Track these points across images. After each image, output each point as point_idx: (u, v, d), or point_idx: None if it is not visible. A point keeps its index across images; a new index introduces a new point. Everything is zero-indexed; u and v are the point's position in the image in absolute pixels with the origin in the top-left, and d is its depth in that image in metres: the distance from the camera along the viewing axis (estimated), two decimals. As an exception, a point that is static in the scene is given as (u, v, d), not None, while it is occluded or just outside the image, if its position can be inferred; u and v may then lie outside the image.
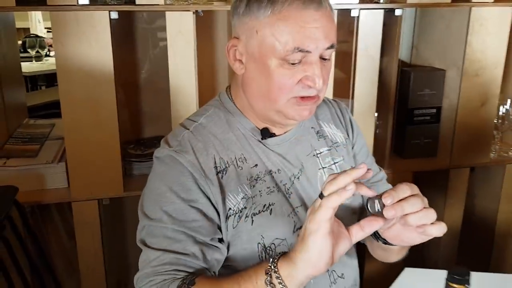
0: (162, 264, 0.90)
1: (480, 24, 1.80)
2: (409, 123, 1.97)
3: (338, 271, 1.04)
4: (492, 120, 1.95)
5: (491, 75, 1.87)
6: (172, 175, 0.94)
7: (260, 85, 0.93)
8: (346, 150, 1.11)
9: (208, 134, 0.99)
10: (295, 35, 0.87)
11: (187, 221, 0.92)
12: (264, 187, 0.97)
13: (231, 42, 0.96)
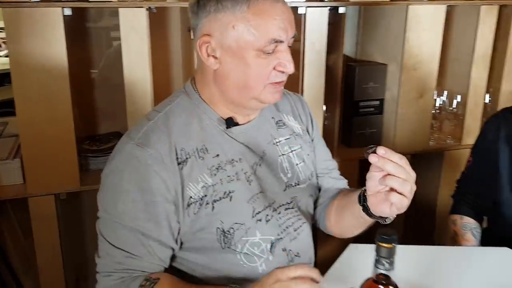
0: (117, 262, 0.97)
1: (417, 21, 1.94)
2: (355, 115, 2.09)
3: (294, 250, 1.12)
4: (430, 111, 2.10)
5: (428, 69, 2.02)
6: (132, 171, 0.97)
7: (238, 77, 0.99)
8: (303, 140, 1.19)
9: (171, 125, 1.02)
10: (270, 27, 0.95)
11: (140, 220, 0.97)
12: (225, 175, 1.03)
13: (202, 39, 0.99)
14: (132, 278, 0.97)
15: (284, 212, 1.10)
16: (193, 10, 1.01)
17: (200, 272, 1.06)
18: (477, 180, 1.52)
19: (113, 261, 0.98)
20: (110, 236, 0.98)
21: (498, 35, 2.11)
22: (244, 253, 1.04)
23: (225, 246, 1.02)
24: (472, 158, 1.56)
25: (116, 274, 0.98)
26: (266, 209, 1.07)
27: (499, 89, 2.16)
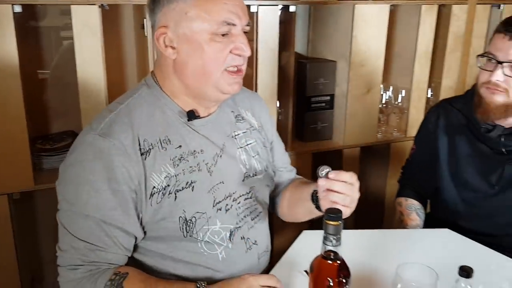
0: (82, 254, 0.98)
1: (363, 19, 2.03)
2: (307, 110, 2.16)
3: (252, 238, 1.18)
4: (377, 105, 2.21)
5: (374, 65, 2.13)
6: (95, 161, 0.98)
7: (196, 63, 1.02)
8: (258, 135, 1.25)
9: (134, 116, 1.04)
10: (221, 11, 1.00)
11: (105, 210, 0.99)
12: (187, 166, 1.06)
13: (159, 31, 1.02)
14: (100, 271, 0.99)
15: (243, 202, 1.15)
16: (150, 7, 1.05)
17: (161, 262, 1.09)
18: (420, 167, 1.63)
19: (78, 253, 0.99)
20: (74, 228, 0.99)
21: (438, 33, 2.24)
22: (205, 241, 1.08)
23: (187, 235, 1.06)
24: (415, 146, 1.67)
25: (83, 267, 0.99)
26: (226, 199, 1.11)
27: (440, 83, 2.30)
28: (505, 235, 1.45)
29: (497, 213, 1.47)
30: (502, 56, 1.32)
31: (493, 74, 1.33)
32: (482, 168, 1.48)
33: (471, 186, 1.49)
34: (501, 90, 1.33)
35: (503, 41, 1.32)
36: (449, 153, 1.53)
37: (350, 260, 0.87)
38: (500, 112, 1.36)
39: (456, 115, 1.53)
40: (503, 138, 1.41)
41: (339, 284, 0.84)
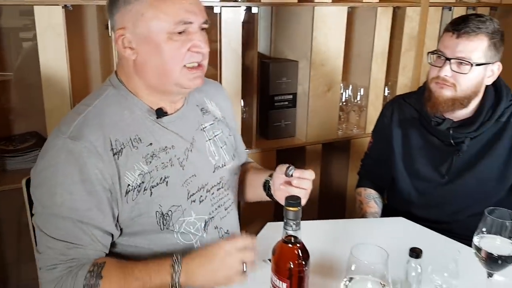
0: (61, 254, 1.00)
1: (322, 21, 2.12)
2: (271, 108, 2.23)
3: (224, 227, 1.24)
4: (337, 103, 2.30)
5: (334, 65, 2.21)
6: (67, 164, 1.00)
7: (156, 63, 1.05)
8: (223, 125, 1.30)
9: (103, 117, 1.06)
10: (177, 10, 1.03)
11: (81, 210, 1.01)
12: (159, 162, 1.10)
13: (118, 33, 1.05)
14: (79, 266, 1.01)
15: (216, 192, 1.21)
16: (109, 10, 1.07)
17: (139, 255, 1.12)
18: (377, 159, 1.73)
19: (55, 253, 1.01)
20: (50, 229, 1.01)
21: (393, 34, 2.36)
22: (181, 233, 1.13)
23: (164, 228, 1.10)
24: (372, 139, 1.76)
25: (62, 265, 1.01)
26: (200, 191, 1.17)
27: (396, 82, 2.41)
28: (455, 221, 1.55)
29: (447, 201, 1.57)
30: (450, 53, 1.41)
31: (442, 69, 1.42)
32: (433, 159, 1.57)
33: (423, 176, 1.59)
34: (449, 84, 1.43)
35: (451, 39, 1.42)
36: (403, 145, 1.62)
37: (313, 247, 0.93)
38: (448, 106, 1.45)
39: (409, 109, 1.63)
40: (452, 130, 1.51)
41: (299, 266, 0.90)
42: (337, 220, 1.47)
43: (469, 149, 1.52)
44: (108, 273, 1.00)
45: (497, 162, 1.51)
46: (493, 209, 1.09)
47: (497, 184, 1.53)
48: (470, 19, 1.40)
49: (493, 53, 1.41)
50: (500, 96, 1.50)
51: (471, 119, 1.50)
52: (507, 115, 1.50)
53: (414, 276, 1.06)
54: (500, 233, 1.07)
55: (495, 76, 1.47)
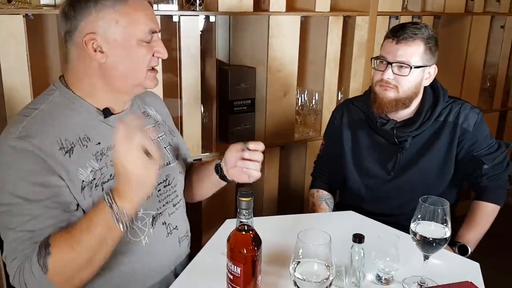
0: (22, 241, 1.04)
1: (277, 29, 2.23)
2: (230, 113, 2.31)
3: (173, 223, 1.30)
4: (293, 107, 2.41)
5: (289, 71, 2.33)
6: (19, 162, 1.04)
7: (126, 66, 1.14)
8: (164, 128, 1.40)
9: (51, 119, 1.11)
10: (148, 21, 1.14)
11: (40, 200, 1.05)
12: (109, 160, 1.16)
13: (87, 37, 1.10)
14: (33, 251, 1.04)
15: (163, 189, 1.28)
16: (69, 14, 1.11)
17: None
18: (328, 160, 1.84)
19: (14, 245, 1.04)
20: (9, 224, 1.05)
21: (344, 41, 2.49)
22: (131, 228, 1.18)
23: None
24: (324, 142, 1.88)
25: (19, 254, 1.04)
26: None
27: (348, 87, 2.55)
28: (401, 214, 1.68)
29: (393, 196, 1.70)
30: (391, 57, 1.55)
31: (384, 73, 1.56)
32: (380, 157, 1.70)
33: (371, 173, 1.72)
34: (392, 86, 1.56)
35: (391, 45, 1.56)
36: (352, 145, 1.75)
37: (269, 238, 1.02)
38: (392, 106, 1.59)
39: (357, 112, 1.76)
40: (395, 130, 1.65)
41: (251, 252, 0.99)
42: (292, 215, 1.58)
43: (412, 147, 1.66)
44: (54, 238, 1.03)
45: (437, 158, 1.66)
46: (426, 197, 1.22)
47: (438, 178, 1.68)
48: (407, 27, 1.54)
49: (429, 56, 1.56)
50: (437, 98, 1.65)
51: (412, 119, 1.64)
52: (444, 115, 1.65)
53: (357, 259, 1.17)
54: (433, 219, 1.20)
55: (432, 77, 1.62)
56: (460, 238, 1.61)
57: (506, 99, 3.28)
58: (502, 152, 1.67)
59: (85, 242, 1.02)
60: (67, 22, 1.13)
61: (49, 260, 1.01)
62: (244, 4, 2.11)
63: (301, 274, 0.99)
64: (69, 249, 1.02)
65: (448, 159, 1.66)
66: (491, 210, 1.66)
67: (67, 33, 1.14)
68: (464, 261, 1.39)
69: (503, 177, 1.69)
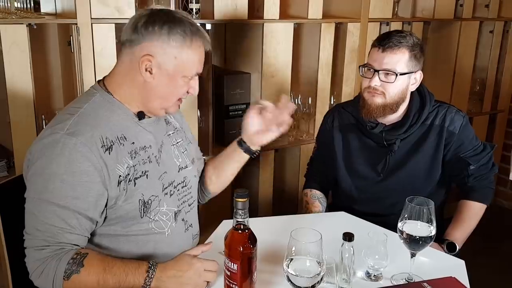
0: (48, 236, 1.14)
1: (271, 36, 2.30)
2: (226, 117, 2.37)
3: (189, 221, 1.42)
4: (287, 111, 2.47)
5: (283, 76, 2.40)
6: (61, 156, 1.13)
7: (164, 91, 1.25)
8: (182, 135, 1.49)
9: (93, 118, 1.22)
10: (198, 64, 1.26)
11: (70, 198, 1.14)
12: (141, 158, 1.27)
13: (144, 58, 1.20)
14: (64, 251, 1.14)
15: (181, 189, 1.39)
16: (140, 29, 1.20)
17: (116, 242, 1.27)
18: (321, 162, 1.91)
19: (44, 235, 1.14)
20: (41, 213, 1.14)
21: (336, 47, 2.56)
22: (155, 221, 1.29)
23: (143, 215, 1.26)
24: (316, 145, 1.95)
25: (49, 248, 1.14)
26: (170, 186, 1.35)
27: (341, 91, 2.62)
28: (391, 214, 1.72)
29: (383, 196, 1.77)
30: (377, 65, 1.62)
31: (372, 80, 1.63)
32: (370, 159, 1.77)
33: (362, 175, 1.78)
34: (379, 93, 1.63)
35: (377, 53, 1.63)
36: (343, 148, 1.82)
37: (264, 237, 1.07)
38: (380, 111, 1.65)
39: (347, 116, 1.83)
40: (384, 133, 1.72)
41: (247, 249, 1.05)
42: (285, 216, 1.65)
43: (400, 150, 1.73)
44: (89, 263, 1.14)
45: (425, 160, 1.72)
46: (412, 197, 1.29)
47: (425, 179, 1.75)
48: (392, 35, 1.61)
49: (414, 63, 1.63)
50: (424, 102, 1.72)
51: (400, 123, 1.71)
52: (431, 118, 1.72)
53: (347, 257, 1.23)
54: (419, 218, 1.27)
55: (418, 83, 1.69)
56: (448, 236, 1.68)
57: (496, 102, 3.36)
58: (487, 153, 1.74)
59: (109, 285, 1.13)
60: (133, 33, 1.22)
61: (74, 276, 1.12)
62: (239, 12, 2.17)
63: (294, 270, 1.06)
64: (95, 283, 1.13)
65: (435, 160, 1.72)
66: (478, 209, 1.73)
67: (128, 41, 1.23)
68: (450, 258, 1.46)
69: (489, 177, 1.76)
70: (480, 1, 3.10)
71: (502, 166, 3.43)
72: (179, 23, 1.21)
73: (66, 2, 1.91)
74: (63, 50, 2.03)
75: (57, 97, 2.12)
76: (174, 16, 1.23)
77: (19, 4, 1.80)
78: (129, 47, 1.23)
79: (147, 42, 1.21)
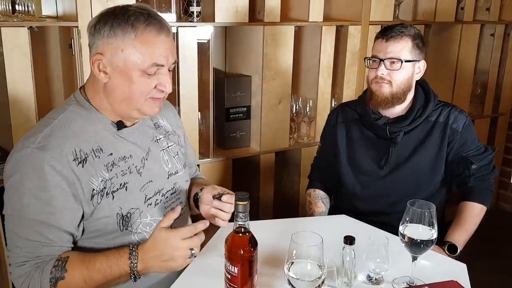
0: (28, 252, 1.13)
1: (272, 39, 2.30)
2: (227, 120, 2.37)
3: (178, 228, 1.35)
4: (288, 115, 2.47)
5: (284, 79, 2.40)
6: (33, 172, 1.11)
7: (124, 91, 1.18)
8: (174, 138, 1.45)
9: (67, 130, 1.18)
10: (152, 54, 1.16)
11: (45, 213, 1.12)
12: (119, 170, 1.23)
13: (95, 57, 1.17)
14: (45, 262, 1.13)
15: (170, 196, 1.36)
16: (91, 31, 1.19)
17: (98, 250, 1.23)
18: (325, 161, 1.93)
19: (23, 251, 1.12)
20: (18, 230, 1.13)
21: (337, 50, 2.57)
22: (138, 233, 1.26)
23: (123, 228, 1.23)
24: (320, 143, 1.98)
25: (30, 262, 1.13)
26: (156, 195, 1.31)
27: (342, 94, 2.62)
28: (396, 213, 1.70)
29: (386, 193, 1.77)
30: (382, 54, 1.66)
31: (378, 69, 1.67)
32: (373, 153, 1.79)
33: (365, 170, 1.79)
34: (386, 82, 1.67)
35: (381, 43, 1.67)
36: (346, 143, 1.85)
37: (265, 240, 1.07)
38: (388, 101, 1.68)
39: (351, 112, 1.87)
40: (388, 125, 1.73)
41: (248, 252, 1.05)
42: (286, 219, 1.64)
43: (404, 145, 1.74)
44: (72, 265, 1.12)
45: (428, 156, 1.74)
46: (414, 201, 1.28)
47: (429, 176, 1.76)
48: (394, 26, 1.67)
49: (417, 52, 1.68)
50: (428, 98, 1.75)
51: (404, 116, 1.73)
52: (435, 116, 1.75)
53: (349, 260, 1.23)
54: (420, 222, 1.26)
55: (422, 72, 1.73)
56: (449, 238, 1.67)
57: (497, 105, 3.36)
58: (489, 154, 1.75)
59: (96, 281, 1.13)
60: (90, 37, 1.20)
61: (60, 282, 1.11)
62: (240, 15, 2.17)
63: (295, 274, 1.05)
64: (82, 283, 1.13)
65: (439, 158, 1.74)
66: (478, 210, 1.74)
67: (89, 47, 1.21)
68: (452, 262, 1.46)
69: (489, 179, 1.77)
70: (481, 4, 3.10)
71: (503, 169, 3.42)
72: (122, 14, 1.14)
73: (67, 5, 1.92)
74: (64, 52, 2.03)
75: (58, 99, 2.12)
76: (122, 8, 1.17)
77: (21, 7, 1.80)
78: (90, 52, 1.20)
79: (97, 41, 1.17)
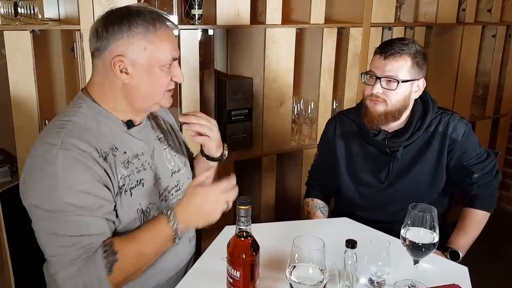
0: (75, 249, 1.12)
1: (273, 41, 2.30)
2: (228, 122, 2.38)
3: None
4: (289, 116, 2.48)
5: (285, 81, 2.40)
6: (65, 170, 1.11)
7: (147, 88, 1.23)
8: (172, 137, 1.49)
9: (84, 130, 1.19)
10: (169, 49, 1.23)
11: (87, 206, 1.13)
12: (134, 167, 1.26)
13: (116, 59, 1.18)
14: (90, 253, 1.13)
15: (175, 193, 1.39)
16: (102, 34, 1.19)
17: None
18: (323, 169, 1.91)
19: (71, 249, 1.12)
20: (60, 229, 1.12)
21: (339, 52, 2.57)
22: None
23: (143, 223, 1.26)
24: (318, 152, 1.94)
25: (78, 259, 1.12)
26: (164, 191, 1.35)
27: (343, 96, 2.62)
28: (396, 221, 1.72)
29: (387, 203, 1.76)
30: (380, 72, 1.61)
31: (374, 87, 1.62)
32: (373, 167, 1.76)
33: (365, 183, 1.78)
34: (381, 100, 1.62)
35: (379, 60, 1.62)
36: (346, 155, 1.81)
37: (267, 243, 1.07)
38: (382, 119, 1.65)
39: (349, 123, 1.82)
40: (387, 140, 1.71)
41: (250, 256, 1.05)
42: (288, 222, 1.64)
43: (404, 157, 1.72)
44: (119, 246, 1.15)
45: (428, 167, 1.71)
46: (415, 204, 1.28)
47: (429, 186, 1.74)
48: (394, 43, 1.61)
49: (417, 70, 1.62)
50: (427, 109, 1.71)
51: (403, 130, 1.70)
52: (434, 125, 1.71)
53: (350, 264, 1.23)
54: (422, 225, 1.26)
55: (421, 90, 1.68)
56: (451, 244, 1.67)
57: (498, 106, 3.36)
58: (491, 161, 1.72)
59: (147, 254, 1.19)
60: (97, 40, 1.21)
61: (115, 265, 1.13)
62: (241, 17, 2.18)
63: (297, 278, 1.06)
64: (135, 259, 1.17)
65: (439, 168, 1.71)
66: (482, 217, 1.72)
67: (96, 50, 1.22)
68: (453, 265, 1.46)
69: (493, 185, 1.75)
70: (483, 6, 3.10)
71: (505, 170, 3.42)
72: (137, 14, 1.19)
73: (70, 8, 1.92)
74: (67, 55, 2.03)
75: (60, 102, 2.13)
76: (130, 9, 1.21)
77: (23, 10, 1.81)
78: (99, 56, 1.21)
79: (113, 43, 1.18)
